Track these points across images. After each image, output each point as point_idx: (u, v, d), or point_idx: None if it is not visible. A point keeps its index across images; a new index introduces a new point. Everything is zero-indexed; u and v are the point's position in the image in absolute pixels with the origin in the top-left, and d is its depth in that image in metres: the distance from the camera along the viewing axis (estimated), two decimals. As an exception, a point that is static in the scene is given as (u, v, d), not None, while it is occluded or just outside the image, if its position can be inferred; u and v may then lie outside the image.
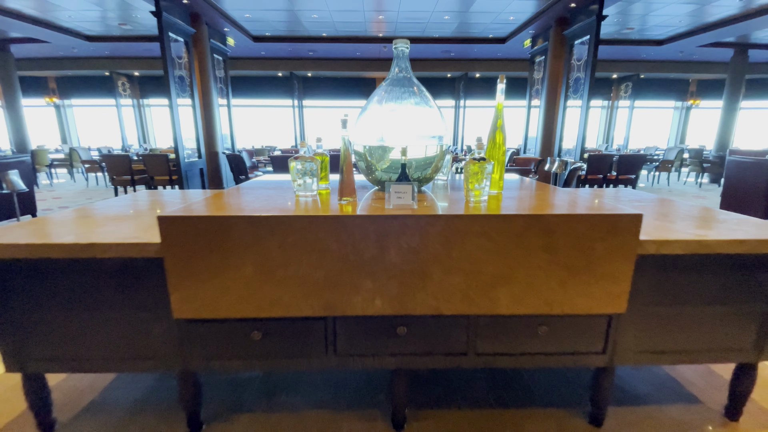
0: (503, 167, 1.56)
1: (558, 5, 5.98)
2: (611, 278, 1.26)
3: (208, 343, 1.34)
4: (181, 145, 5.87)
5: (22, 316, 1.32)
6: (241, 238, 1.19)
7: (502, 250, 1.22)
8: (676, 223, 1.47)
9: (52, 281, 1.28)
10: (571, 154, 6.46)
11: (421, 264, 1.23)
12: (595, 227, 1.21)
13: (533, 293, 1.26)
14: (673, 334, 1.40)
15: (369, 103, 1.57)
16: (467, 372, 1.88)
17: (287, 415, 1.59)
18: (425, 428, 1.52)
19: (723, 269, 1.33)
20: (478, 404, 1.66)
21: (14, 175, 4.14)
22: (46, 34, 7.97)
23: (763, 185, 4.33)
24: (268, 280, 1.22)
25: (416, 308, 1.27)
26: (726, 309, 1.38)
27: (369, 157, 1.54)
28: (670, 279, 1.33)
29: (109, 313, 1.32)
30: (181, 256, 1.19)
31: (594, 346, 1.39)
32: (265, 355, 1.36)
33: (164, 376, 1.84)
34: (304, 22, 7.60)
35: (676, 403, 1.69)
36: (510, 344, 1.38)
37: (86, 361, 1.37)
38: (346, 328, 1.35)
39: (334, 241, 1.21)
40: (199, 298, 1.23)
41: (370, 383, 1.79)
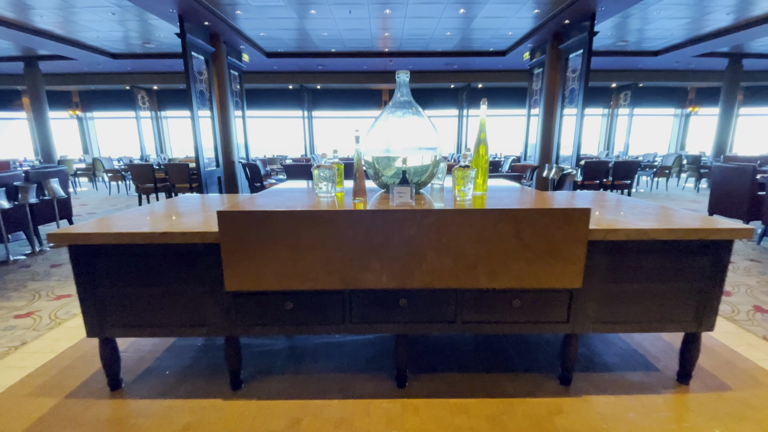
0: (486, 173, 1.91)
1: (552, 22, 6.35)
2: (568, 259, 1.59)
3: (250, 312, 1.70)
4: (201, 155, 6.31)
5: (103, 291, 1.69)
6: (279, 228, 1.55)
7: (482, 236, 1.57)
8: (627, 217, 1.80)
9: (129, 263, 1.65)
10: (568, 161, 6.77)
11: (418, 248, 1.57)
12: (554, 218, 1.55)
13: (506, 271, 1.60)
14: (625, 306, 1.72)
15: (376, 121, 1.94)
16: (458, 342, 2.21)
17: (310, 376, 1.93)
18: (422, 387, 1.85)
19: (661, 253, 1.66)
20: (467, 369, 1.99)
21: (55, 183, 4.57)
22: (74, 52, 8.53)
23: (746, 190, 4.61)
24: (298, 261, 1.58)
25: (414, 283, 1.61)
26: (667, 286, 1.71)
27: (377, 165, 1.90)
28: (619, 261, 1.66)
29: (173, 288, 1.68)
30: (234, 241, 1.55)
31: (559, 317, 1.72)
32: (295, 322, 1.71)
33: (207, 348, 2.20)
34: (314, 39, 8.07)
35: (637, 370, 2.00)
36: (490, 314, 1.71)
37: (153, 328, 1.73)
38: (359, 299, 1.70)
39: (350, 231, 1.56)
40: (245, 275, 1.59)
41: (378, 353, 2.13)
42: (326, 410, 1.70)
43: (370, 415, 1.66)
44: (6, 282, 3.38)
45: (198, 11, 5.73)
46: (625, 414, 1.68)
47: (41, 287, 3.26)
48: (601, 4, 5.51)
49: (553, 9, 6.10)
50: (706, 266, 1.68)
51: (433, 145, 1.89)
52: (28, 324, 2.59)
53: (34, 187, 4.24)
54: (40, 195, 4.48)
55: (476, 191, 1.89)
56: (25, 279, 3.46)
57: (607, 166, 6.65)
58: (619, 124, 12.12)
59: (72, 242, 1.61)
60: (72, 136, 12.37)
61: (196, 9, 5.63)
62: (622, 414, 1.67)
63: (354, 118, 12.64)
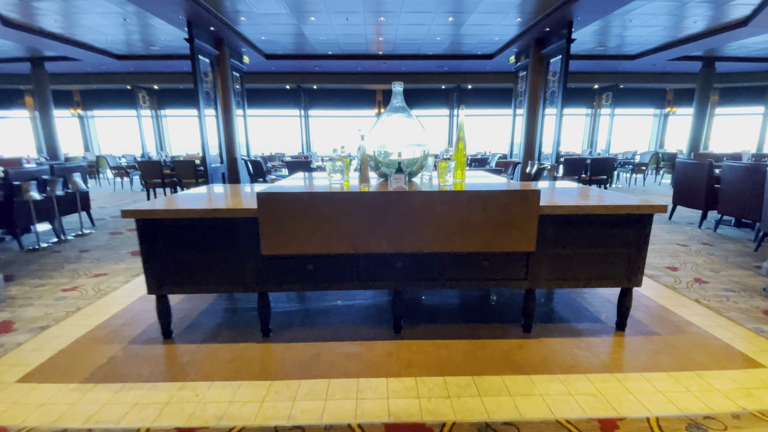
0: (464, 165, 2.39)
1: (534, 29, 6.87)
2: (524, 228, 2.08)
3: (279, 272, 2.16)
4: (208, 152, 6.72)
5: (162, 257, 2.14)
6: (303, 206, 2.01)
7: (457, 212, 2.05)
8: (571, 198, 2.29)
9: (183, 233, 2.11)
10: (550, 158, 7.30)
11: (409, 220, 2.05)
12: (512, 198, 2.04)
13: (477, 238, 2.08)
14: (570, 266, 2.22)
15: (376, 122, 2.41)
16: (443, 301, 2.70)
17: (324, 328, 2.41)
18: (414, 333, 2.33)
19: (597, 225, 2.16)
20: (450, 321, 2.48)
21: (78, 177, 4.97)
22: (80, 54, 8.86)
23: (703, 183, 5.17)
24: (318, 231, 2.05)
25: (407, 248, 2.09)
26: (603, 250, 2.21)
27: (377, 158, 2.37)
28: (564, 230, 2.16)
29: (217, 254, 2.14)
30: (268, 215, 2.01)
31: (519, 275, 2.22)
32: (315, 280, 2.18)
33: (236, 311, 2.66)
34: (312, 43, 8.50)
35: (585, 321, 2.51)
36: (465, 272, 2.20)
37: (201, 286, 2.19)
38: (365, 261, 2.17)
39: (357, 208, 2.03)
40: (277, 242, 2.05)
41: (378, 312, 2.61)
42: (339, 348, 2.17)
43: (373, 351, 2.14)
44: (44, 264, 3.80)
45: (205, 18, 6.13)
46: (570, 349, 2.18)
47: (78, 268, 3.68)
48: (577, 15, 6.02)
49: (534, 18, 6.61)
50: (632, 235, 2.19)
51: (422, 142, 2.37)
52: (77, 295, 3.02)
53: (61, 181, 4.64)
54: (65, 188, 4.87)
55: (456, 179, 2.37)
56: (61, 262, 3.88)
57: (585, 163, 7.19)
58: (601, 123, 12.74)
59: (140, 216, 2.06)
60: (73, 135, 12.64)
61: (204, 16, 6.04)
62: (568, 349, 2.17)
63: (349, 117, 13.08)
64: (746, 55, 9.96)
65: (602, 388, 1.83)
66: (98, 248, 4.37)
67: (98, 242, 4.63)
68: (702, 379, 1.91)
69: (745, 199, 4.55)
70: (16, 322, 2.59)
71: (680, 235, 4.88)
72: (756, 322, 2.52)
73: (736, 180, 4.67)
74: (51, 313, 2.71)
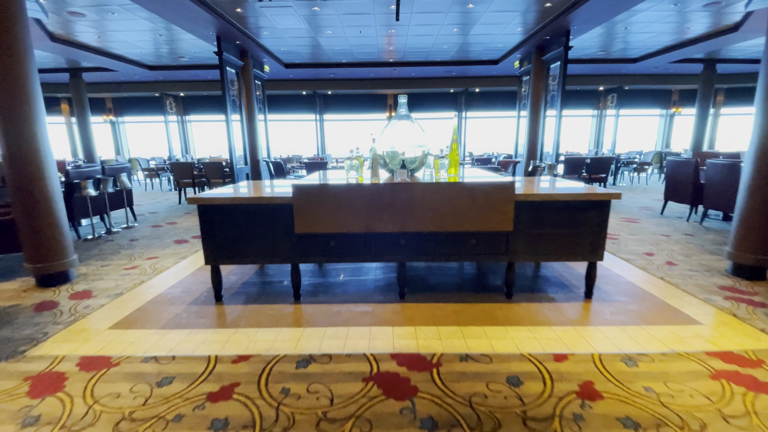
0: (457, 162, 2.91)
1: (535, 37, 7.33)
2: (504, 212, 2.59)
3: (308, 247, 2.72)
4: (234, 154, 7.38)
5: (217, 234, 2.72)
6: (327, 195, 2.57)
7: (449, 199, 2.57)
8: (545, 189, 2.80)
9: (233, 216, 2.69)
10: (551, 158, 7.73)
11: (411, 207, 2.58)
12: (493, 187, 2.56)
13: (465, 220, 2.61)
14: (543, 244, 2.72)
15: (385, 128, 2.96)
16: (439, 274, 3.22)
17: (343, 295, 2.96)
18: (415, 298, 2.87)
19: (564, 210, 2.66)
20: (446, 290, 3.01)
21: (124, 177, 5.65)
22: (115, 65, 9.65)
23: (690, 179, 5.57)
24: (339, 214, 2.60)
25: (409, 228, 2.63)
26: (570, 231, 2.70)
27: (386, 157, 2.92)
28: (537, 214, 2.66)
29: (260, 232, 2.71)
30: (301, 202, 2.58)
31: (501, 250, 2.73)
32: (337, 254, 2.74)
33: (270, 284, 3.24)
34: (327, 52, 9.11)
35: (560, 292, 3.00)
36: (456, 248, 2.72)
37: (246, 257, 2.77)
38: (375, 239, 2.72)
39: (369, 196, 2.58)
40: (307, 223, 2.61)
41: (386, 285, 3.15)
42: (355, 308, 2.73)
43: (382, 310, 2.69)
44: (103, 250, 4.45)
45: (232, 33, 6.79)
46: (543, 311, 2.68)
47: (132, 253, 4.32)
48: (573, 24, 6.47)
49: (534, 27, 7.07)
50: (593, 218, 2.68)
51: (422, 143, 2.91)
52: (137, 273, 3.64)
53: (111, 180, 5.32)
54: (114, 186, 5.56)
55: (450, 173, 2.90)
56: (116, 248, 4.53)
57: (585, 162, 7.60)
58: (607, 124, 13.03)
59: (201, 203, 2.65)
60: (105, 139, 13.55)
61: (231, 32, 6.69)
62: (541, 310, 2.68)
63: (362, 120, 13.67)
64: (748, 57, 10.20)
65: (561, 335, 2.34)
66: (145, 238, 5.02)
67: (143, 233, 5.28)
68: (645, 331, 2.40)
69: (726, 194, 4.94)
70: (93, 291, 3.21)
71: (667, 227, 5.29)
72: (708, 294, 2.98)
73: (718, 177, 5.07)
74: (120, 284, 3.33)
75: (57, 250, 3.34)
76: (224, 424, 1.62)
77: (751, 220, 3.29)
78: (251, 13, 6.22)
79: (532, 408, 1.71)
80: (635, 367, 2.02)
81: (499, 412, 1.68)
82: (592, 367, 2.02)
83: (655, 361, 2.08)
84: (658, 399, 1.76)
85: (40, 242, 3.27)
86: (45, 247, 3.29)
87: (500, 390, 1.83)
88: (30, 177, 3.18)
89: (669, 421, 1.62)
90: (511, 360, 2.08)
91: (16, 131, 3.09)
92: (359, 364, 2.05)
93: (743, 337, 2.34)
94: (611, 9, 5.85)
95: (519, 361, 2.07)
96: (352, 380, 1.91)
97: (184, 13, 5.70)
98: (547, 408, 1.71)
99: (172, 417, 1.68)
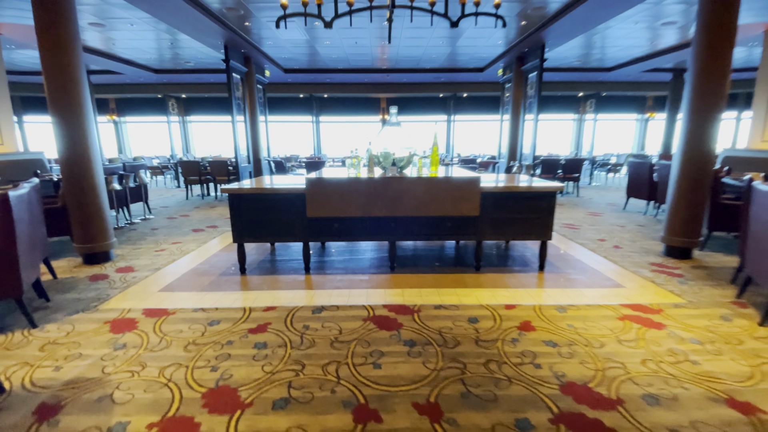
0: (437, 162, 3.60)
1: (515, 49, 8.08)
2: (471, 200, 3.29)
3: (317, 228, 3.39)
4: (239, 153, 8.00)
5: (244, 218, 3.38)
6: (333, 186, 3.24)
7: (429, 190, 3.26)
8: (504, 183, 3.50)
9: (256, 203, 3.34)
10: (530, 159, 8.48)
11: (399, 195, 3.27)
12: (463, 181, 3.26)
13: (442, 207, 3.30)
14: (504, 226, 3.42)
15: (379, 133, 3.64)
16: (423, 252, 3.91)
17: (344, 268, 3.64)
18: (403, 270, 3.55)
19: (520, 199, 3.36)
20: (426, 265, 3.70)
21: (143, 173, 6.25)
22: (122, 68, 10.20)
23: (646, 178, 6.34)
24: (341, 201, 3.27)
25: (398, 213, 3.31)
26: (525, 215, 3.41)
27: (380, 157, 3.60)
28: (499, 202, 3.36)
29: (278, 216, 3.37)
30: (312, 191, 3.24)
31: (471, 231, 3.42)
32: (340, 234, 3.41)
33: (284, 262, 3.89)
34: (325, 59, 9.77)
35: (519, 265, 3.71)
36: (435, 230, 3.41)
37: (266, 237, 3.43)
38: (371, 222, 3.39)
39: (366, 187, 3.25)
40: (316, 208, 3.28)
41: (380, 261, 3.83)
42: (355, 277, 3.40)
43: (376, 278, 3.37)
44: (130, 237, 5.06)
45: (238, 42, 7.41)
46: (503, 279, 3.38)
47: (157, 239, 4.94)
48: (547, 39, 7.22)
49: (514, 41, 7.82)
50: (543, 206, 3.39)
51: (409, 146, 3.59)
52: (167, 254, 4.26)
53: (132, 176, 5.92)
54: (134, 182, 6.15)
55: (432, 170, 3.59)
56: (142, 236, 5.14)
57: (559, 163, 8.36)
58: (586, 127, 13.89)
59: (230, 192, 3.30)
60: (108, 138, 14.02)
61: (238, 41, 7.32)
62: (502, 279, 3.38)
63: (356, 122, 14.34)
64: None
65: (514, 294, 3.04)
66: (164, 227, 5.63)
67: (161, 224, 5.89)
68: (578, 291, 3.11)
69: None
70: (135, 267, 3.84)
71: (624, 220, 6.05)
72: (639, 268, 3.71)
73: (666, 175, 5.83)
74: (155, 262, 3.96)
75: (101, 233, 3.96)
76: (264, 345, 2.29)
77: (678, 210, 4.03)
78: (257, 25, 6.86)
79: (483, 335, 2.40)
80: (564, 313, 2.72)
81: (459, 337, 2.37)
82: (532, 313, 2.72)
83: (581, 309, 2.79)
84: (575, 331, 2.47)
85: (88, 226, 3.89)
86: (91, 230, 3.91)
87: (462, 325, 2.52)
88: (81, 172, 3.80)
89: (578, 343, 2.33)
90: (472, 309, 2.77)
91: (71, 136, 3.71)
92: (359, 311, 2.73)
93: (654, 295, 3.06)
94: (578, 27, 6.61)
95: (479, 309, 2.77)
96: (354, 320, 2.59)
97: (200, 26, 6.32)
98: (494, 335, 2.40)
99: (224, 342, 2.34)
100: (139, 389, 1.91)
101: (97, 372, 2.07)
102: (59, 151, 3.76)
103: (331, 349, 2.25)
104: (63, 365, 2.13)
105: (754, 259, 2.76)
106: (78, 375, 2.04)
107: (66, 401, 1.83)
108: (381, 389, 1.88)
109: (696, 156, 3.86)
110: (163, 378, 2.00)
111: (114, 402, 1.82)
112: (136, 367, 2.11)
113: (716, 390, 1.89)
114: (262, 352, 2.22)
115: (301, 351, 2.23)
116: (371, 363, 2.10)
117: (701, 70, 3.76)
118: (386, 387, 1.90)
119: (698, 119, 3.82)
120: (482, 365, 2.08)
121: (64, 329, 2.54)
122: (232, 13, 6.14)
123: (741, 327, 2.55)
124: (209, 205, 7.60)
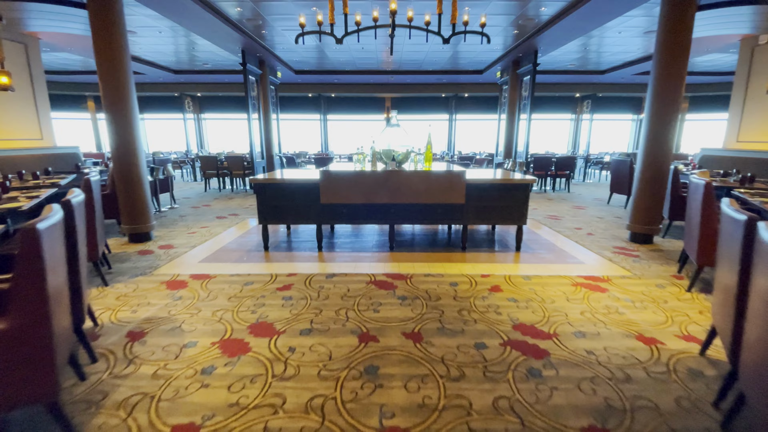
0: (431, 158, 4.24)
1: (511, 54, 8.67)
2: (458, 190, 3.93)
3: (329, 213, 4.06)
4: (254, 149, 8.68)
5: (267, 203, 4.05)
6: (343, 177, 3.89)
7: (424, 181, 3.91)
8: (486, 177, 4.13)
9: (278, 191, 4.01)
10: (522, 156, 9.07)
11: (398, 185, 3.92)
12: (452, 174, 3.90)
13: (434, 195, 3.94)
14: (486, 213, 4.06)
15: (381, 132, 4.29)
16: (419, 236, 4.57)
17: (350, 249, 4.30)
18: (401, 250, 4.21)
19: (501, 189, 4.00)
20: (421, 246, 4.35)
21: (170, 166, 6.95)
22: (144, 68, 10.90)
23: (626, 174, 6.92)
24: (349, 190, 3.93)
25: (397, 201, 3.95)
26: (504, 203, 4.04)
27: (382, 153, 4.25)
28: (482, 192, 4.00)
29: (296, 202, 4.04)
30: (325, 182, 3.90)
31: (458, 217, 4.07)
32: (348, 218, 4.07)
33: (300, 243, 4.57)
34: (333, 62, 10.41)
35: (499, 247, 4.35)
36: (428, 215, 4.06)
37: (286, 220, 4.10)
38: (375, 208, 4.05)
39: (371, 179, 3.90)
40: (329, 196, 3.94)
41: (380, 241, 4.49)
42: (359, 255, 4.07)
43: (378, 256, 4.03)
44: (163, 222, 5.76)
45: (254, 47, 8.07)
46: (484, 257, 4.02)
47: (187, 224, 5.63)
48: (540, 45, 7.80)
49: (509, 46, 8.40)
50: (520, 196, 4.02)
51: (408, 144, 4.24)
52: (198, 236, 4.95)
53: (161, 169, 6.63)
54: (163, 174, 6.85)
55: (426, 164, 4.23)
56: (173, 221, 5.84)
57: (551, 160, 8.95)
58: (583, 127, 14.42)
59: (256, 182, 3.98)
60: (127, 134, 14.82)
61: (254, 46, 7.98)
62: (482, 257, 4.02)
63: (362, 120, 14.99)
64: (707, 69, 11.56)
65: (490, 267, 3.69)
66: (190, 215, 6.33)
67: (187, 213, 6.59)
68: (545, 266, 3.75)
69: (649, 186, 6.28)
70: (174, 245, 4.53)
71: (605, 212, 6.65)
72: (602, 250, 4.33)
73: (644, 172, 6.42)
74: (190, 242, 4.65)
75: (143, 216, 4.66)
76: (290, 298, 2.96)
77: (640, 201, 4.64)
78: (271, 32, 7.51)
79: (460, 294, 3.05)
80: (528, 280, 3.37)
81: (441, 295, 3.03)
82: (502, 280, 3.37)
83: (543, 278, 3.43)
84: (534, 293, 3.11)
85: (134, 210, 4.58)
86: (136, 213, 4.60)
87: (444, 287, 3.18)
88: (128, 163, 4.49)
89: (535, 300, 2.97)
90: (454, 277, 3.43)
91: (121, 131, 4.40)
92: (363, 277, 3.40)
93: (608, 270, 3.69)
94: (567, 35, 7.18)
95: (459, 277, 3.42)
96: (359, 283, 3.25)
97: (221, 34, 6.99)
98: (468, 293, 3.05)
99: (259, 296, 3.02)
100: (200, 323, 2.59)
101: (165, 313, 2.75)
102: (112, 146, 4.46)
103: (342, 301, 2.92)
104: (137, 309, 2.82)
105: (687, 238, 3.38)
106: (151, 315, 2.73)
107: (147, 330, 2.51)
108: (379, 324, 2.55)
109: (655, 152, 4.46)
110: (215, 317, 2.68)
111: (183, 330, 2.50)
112: (193, 311, 2.79)
113: (631, 329, 2.53)
114: (289, 302, 2.89)
115: (319, 302, 2.90)
116: (372, 309, 2.77)
117: (660, 77, 4.36)
118: (383, 323, 2.57)
119: (657, 121, 4.43)
120: (456, 312, 2.74)
121: (130, 287, 3.23)
122: (250, 23, 6.80)
123: (671, 292, 3.17)
124: (227, 197, 8.30)
